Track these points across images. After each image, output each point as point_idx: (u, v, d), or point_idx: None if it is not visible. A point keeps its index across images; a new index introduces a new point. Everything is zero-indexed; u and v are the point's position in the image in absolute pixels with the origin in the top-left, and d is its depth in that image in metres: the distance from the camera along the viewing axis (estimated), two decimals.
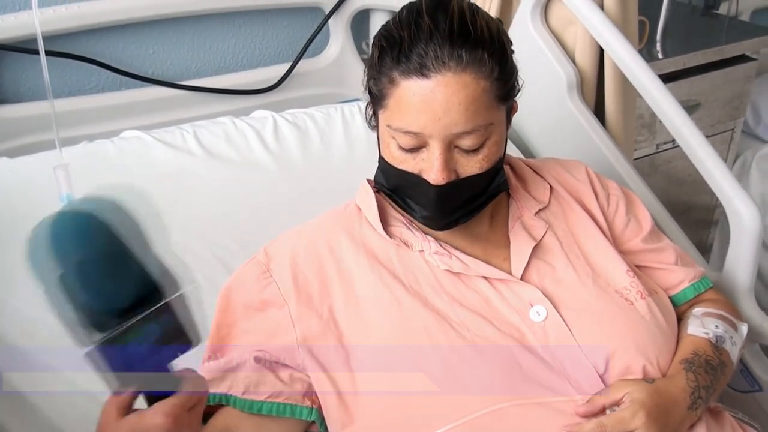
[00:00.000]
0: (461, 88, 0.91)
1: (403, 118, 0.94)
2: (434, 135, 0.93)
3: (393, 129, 0.96)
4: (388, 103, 0.97)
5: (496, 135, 0.98)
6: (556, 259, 1.06)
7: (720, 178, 1.29)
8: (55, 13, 1.52)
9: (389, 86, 0.95)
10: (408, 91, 0.93)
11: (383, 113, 0.99)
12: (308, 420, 1.02)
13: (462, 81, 0.92)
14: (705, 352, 1.03)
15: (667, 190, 2.29)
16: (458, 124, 0.93)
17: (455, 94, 0.91)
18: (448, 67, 0.91)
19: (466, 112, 0.92)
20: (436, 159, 0.94)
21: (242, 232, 1.37)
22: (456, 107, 0.92)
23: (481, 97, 0.93)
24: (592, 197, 1.15)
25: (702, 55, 2.14)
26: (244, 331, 1.03)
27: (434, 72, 0.91)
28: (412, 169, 0.97)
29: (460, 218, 1.02)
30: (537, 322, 0.99)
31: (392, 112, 0.96)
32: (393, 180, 1.02)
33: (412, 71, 0.92)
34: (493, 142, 0.97)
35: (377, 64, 0.97)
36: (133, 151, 1.42)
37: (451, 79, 0.91)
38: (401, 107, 0.94)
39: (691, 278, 1.15)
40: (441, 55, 0.91)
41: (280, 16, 1.86)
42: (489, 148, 0.97)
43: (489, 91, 0.94)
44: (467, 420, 0.91)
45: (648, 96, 1.40)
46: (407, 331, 0.98)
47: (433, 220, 1.01)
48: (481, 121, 0.94)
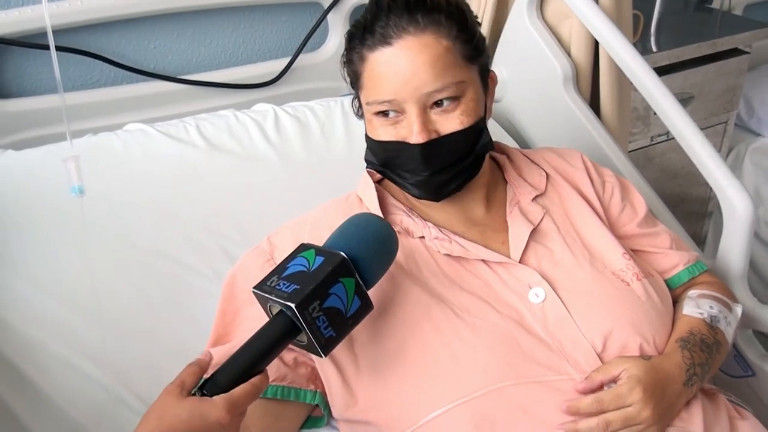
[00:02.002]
0: (423, 48, 0.97)
1: (376, 88, 1.00)
2: (407, 99, 0.98)
3: (371, 104, 1.02)
4: (363, 82, 1.02)
5: (471, 93, 1.02)
6: (554, 242, 1.08)
7: (713, 168, 1.31)
8: (59, 8, 1.52)
9: (360, 64, 1.02)
10: (376, 62, 0.99)
11: (362, 93, 1.04)
12: (312, 403, 1.04)
13: (422, 42, 0.97)
14: (700, 331, 1.05)
15: (662, 181, 2.30)
16: (427, 84, 0.97)
17: (418, 55, 0.97)
18: (408, 31, 0.97)
19: (433, 70, 0.97)
20: (414, 121, 0.99)
21: (245, 222, 1.38)
22: (422, 67, 0.97)
23: (445, 55, 0.98)
24: (588, 183, 1.17)
25: (695, 48, 2.15)
26: (248, 317, 1.04)
27: (395, 38, 0.97)
28: (395, 137, 1.01)
29: (451, 180, 1.04)
30: (536, 303, 1.01)
31: (368, 88, 1.02)
32: (381, 154, 1.05)
33: (377, 43, 0.99)
34: (468, 98, 1.01)
35: (348, 47, 1.04)
36: (138, 143, 1.42)
37: (412, 41, 0.97)
38: (373, 80, 1.00)
39: (685, 262, 1.17)
40: (400, 23, 0.97)
41: (280, 11, 1.87)
42: (465, 104, 1.01)
43: (452, 49, 0.99)
44: (468, 399, 0.93)
45: (643, 88, 1.41)
46: (409, 314, 1.00)
47: (425, 184, 1.04)
48: (449, 78, 0.98)
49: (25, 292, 1.20)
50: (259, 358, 0.84)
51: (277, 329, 0.85)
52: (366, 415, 0.99)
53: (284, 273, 0.87)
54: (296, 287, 0.84)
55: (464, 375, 0.95)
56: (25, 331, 1.16)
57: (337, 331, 0.86)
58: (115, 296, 1.23)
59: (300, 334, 0.85)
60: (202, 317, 1.21)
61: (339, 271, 0.86)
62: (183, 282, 1.29)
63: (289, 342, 0.86)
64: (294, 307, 0.81)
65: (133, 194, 1.35)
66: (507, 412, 0.92)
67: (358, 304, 0.88)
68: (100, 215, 1.29)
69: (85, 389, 1.14)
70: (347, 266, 0.87)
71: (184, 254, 1.32)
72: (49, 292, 1.21)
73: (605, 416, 0.92)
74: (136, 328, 1.22)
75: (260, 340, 0.85)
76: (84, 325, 1.19)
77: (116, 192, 1.34)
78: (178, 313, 1.26)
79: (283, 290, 0.84)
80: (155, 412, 0.79)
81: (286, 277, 0.86)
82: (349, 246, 0.89)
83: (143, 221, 1.33)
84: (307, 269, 0.86)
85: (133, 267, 1.28)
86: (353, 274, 0.87)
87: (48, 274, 1.22)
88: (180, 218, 1.36)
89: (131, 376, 1.16)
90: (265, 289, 0.86)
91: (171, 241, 1.32)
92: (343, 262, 0.86)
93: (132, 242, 1.30)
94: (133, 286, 1.26)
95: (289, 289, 0.84)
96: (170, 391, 0.80)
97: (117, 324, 1.21)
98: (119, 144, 1.42)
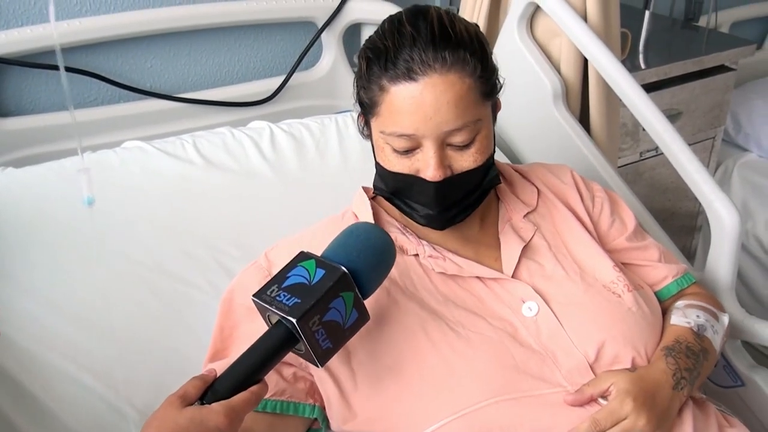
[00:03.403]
0: (448, 87, 0.96)
1: (395, 122, 0.98)
2: (427, 135, 0.97)
3: (387, 134, 1.00)
4: (380, 110, 1.00)
5: (485, 130, 1.02)
6: (545, 258, 1.10)
7: (700, 182, 1.33)
8: (58, 28, 1.54)
9: (380, 93, 0.99)
10: (398, 96, 0.97)
11: (375, 120, 1.02)
12: (311, 417, 1.04)
13: (448, 81, 0.96)
14: (686, 340, 1.06)
15: (652, 196, 2.31)
16: (449, 122, 0.97)
17: (443, 93, 0.96)
18: (434, 69, 0.95)
19: (456, 109, 0.96)
20: (431, 157, 0.98)
21: (242, 237, 1.39)
22: (445, 106, 0.96)
23: (468, 94, 0.98)
24: (578, 199, 1.19)
25: (682, 65, 2.17)
26: (246, 333, 1.05)
27: (421, 75, 0.95)
28: (409, 170, 1.01)
29: (458, 214, 1.05)
30: (529, 317, 1.03)
31: (384, 117, 1.00)
32: (391, 184, 1.05)
33: (400, 76, 0.96)
34: (483, 136, 1.01)
35: (366, 74, 1.01)
36: (136, 160, 1.44)
37: (438, 79, 0.96)
38: (393, 112, 0.98)
39: (674, 274, 1.19)
40: (426, 59, 0.95)
41: (274, 30, 1.89)
42: (480, 142, 1.01)
43: (474, 88, 0.98)
44: (464, 413, 0.94)
45: (631, 104, 1.43)
46: (404, 329, 1.01)
47: (434, 218, 1.04)
48: (469, 117, 0.98)
49: (27, 306, 1.21)
50: (257, 367, 0.85)
51: (275, 339, 0.86)
52: (364, 428, 1.00)
53: (284, 283, 0.88)
54: (297, 301, 0.85)
55: (460, 388, 0.96)
56: (26, 345, 1.17)
57: (335, 342, 0.88)
58: (115, 310, 1.24)
59: (298, 344, 0.87)
60: (200, 331, 1.22)
61: (339, 285, 0.87)
62: (181, 296, 1.30)
63: (288, 352, 0.87)
64: (295, 322, 0.83)
65: (132, 210, 1.36)
66: (503, 426, 0.94)
67: (355, 316, 0.89)
68: (99, 231, 1.31)
69: (86, 402, 1.15)
70: (347, 281, 0.88)
71: (182, 269, 1.33)
72: (51, 306, 1.22)
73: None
74: (136, 342, 1.22)
75: (259, 349, 0.86)
76: (84, 339, 1.20)
77: (114, 208, 1.35)
78: (177, 327, 1.27)
79: (283, 302, 0.85)
80: (156, 421, 0.80)
81: (287, 288, 0.87)
82: (349, 259, 0.90)
83: (141, 237, 1.34)
84: (308, 282, 0.87)
85: (132, 281, 1.29)
86: (353, 288, 0.88)
87: (49, 289, 1.23)
88: (178, 234, 1.37)
89: (131, 388, 1.17)
90: (265, 299, 0.87)
91: (169, 257, 1.33)
92: (343, 276, 0.87)
93: (131, 257, 1.31)
94: (132, 300, 1.26)
95: (290, 302, 0.85)
96: (171, 401, 0.81)
97: (117, 337, 1.21)
98: (117, 161, 1.43)
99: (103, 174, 1.40)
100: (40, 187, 1.34)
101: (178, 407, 0.80)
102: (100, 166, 1.41)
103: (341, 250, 0.92)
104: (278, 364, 1.00)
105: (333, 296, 0.86)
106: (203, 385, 0.84)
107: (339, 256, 0.91)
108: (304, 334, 0.84)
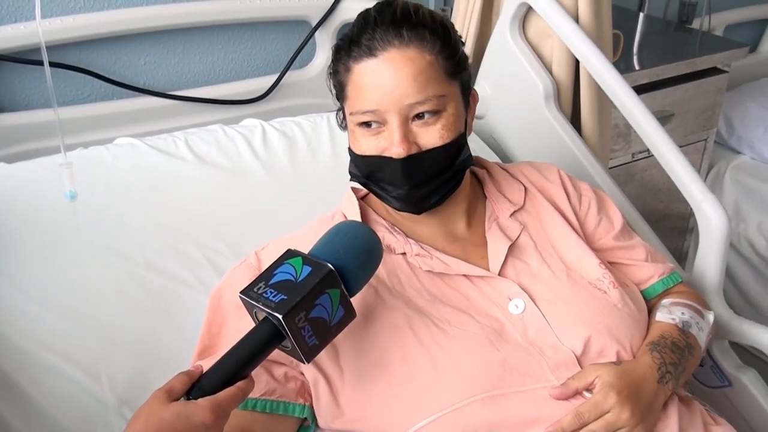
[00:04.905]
0: (407, 61, 1.00)
1: (360, 99, 1.02)
2: (390, 109, 1.00)
3: (354, 114, 1.04)
4: (347, 92, 1.05)
5: (452, 108, 1.04)
6: (531, 257, 1.11)
7: (689, 183, 1.33)
8: (51, 24, 1.54)
9: (345, 74, 1.04)
10: (360, 73, 1.02)
11: (346, 104, 1.07)
12: (301, 417, 1.04)
13: (407, 55, 1.00)
14: (671, 335, 1.07)
15: (644, 197, 2.32)
16: (409, 95, 1.00)
17: (402, 67, 1.00)
18: (393, 44, 1.00)
19: (415, 83, 1.00)
20: (395, 132, 1.01)
21: (232, 235, 1.40)
22: (404, 79, 1.00)
23: (428, 69, 1.01)
24: (564, 198, 1.20)
25: (675, 67, 2.19)
26: (234, 330, 1.05)
27: (381, 50, 1.00)
28: (376, 150, 1.04)
29: (431, 194, 1.06)
30: (516, 314, 1.03)
31: (352, 99, 1.04)
32: (363, 167, 1.07)
33: (362, 54, 1.01)
34: (449, 113, 1.04)
35: (334, 60, 1.06)
36: (128, 157, 1.44)
37: (397, 54, 1.00)
38: (357, 90, 1.03)
39: (660, 273, 1.20)
40: (386, 36, 1.00)
41: (268, 29, 1.89)
42: (446, 119, 1.03)
43: (435, 64, 1.02)
44: (451, 410, 0.94)
45: (621, 106, 1.44)
46: (391, 327, 1.01)
47: (406, 198, 1.06)
48: (431, 91, 1.01)
49: (17, 301, 1.21)
50: (244, 363, 0.86)
51: (262, 336, 0.86)
52: (351, 425, 1.01)
53: (271, 280, 0.89)
54: (283, 297, 0.85)
55: (447, 385, 0.96)
56: (15, 339, 1.17)
57: (321, 339, 0.88)
58: (105, 305, 1.24)
59: (285, 340, 0.87)
60: (189, 327, 1.22)
61: (326, 282, 0.88)
62: (171, 293, 1.30)
63: (274, 348, 0.88)
64: (281, 318, 0.83)
65: (123, 206, 1.37)
66: (490, 422, 0.94)
67: (342, 313, 0.90)
68: (90, 227, 1.31)
69: (75, 397, 1.15)
70: (334, 278, 0.89)
71: (172, 265, 1.33)
72: (40, 301, 1.22)
73: (588, 428, 0.94)
74: (125, 337, 1.23)
75: (245, 345, 0.86)
76: (74, 334, 1.20)
77: (106, 204, 1.36)
78: (167, 323, 1.27)
79: (270, 299, 0.86)
80: (142, 416, 0.80)
81: (273, 285, 0.88)
82: (336, 257, 0.91)
83: (132, 233, 1.34)
84: (294, 279, 0.88)
85: (122, 277, 1.29)
86: (339, 285, 0.89)
87: (39, 284, 1.23)
88: (169, 230, 1.37)
89: (120, 384, 1.17)
90: (252, 296, 0.87)
91: (160, 253, 1.34)
92: (330, 273, 0.88)
93: (121, 253, 1.31)
94: (122, 295, 1.27)
95: (276, 299, 0.85)
96: (158, 396, 0.81)
97: (106, 333, 1.22)
98: (109, 157, 1.43)
99: (95, 170, 1.40)
100: (31, 183, 1.35)
101: (164, 402, 0.80)
102: (92, 162, 1.41)
103: (328, 247, 0.93)
104: (270, 363, 1.01)
105: (319, 293, 0.87)
106: (189, 380, 0.84)
107: (326, 253, 0.92)
108: (290, 331, 0.84)
